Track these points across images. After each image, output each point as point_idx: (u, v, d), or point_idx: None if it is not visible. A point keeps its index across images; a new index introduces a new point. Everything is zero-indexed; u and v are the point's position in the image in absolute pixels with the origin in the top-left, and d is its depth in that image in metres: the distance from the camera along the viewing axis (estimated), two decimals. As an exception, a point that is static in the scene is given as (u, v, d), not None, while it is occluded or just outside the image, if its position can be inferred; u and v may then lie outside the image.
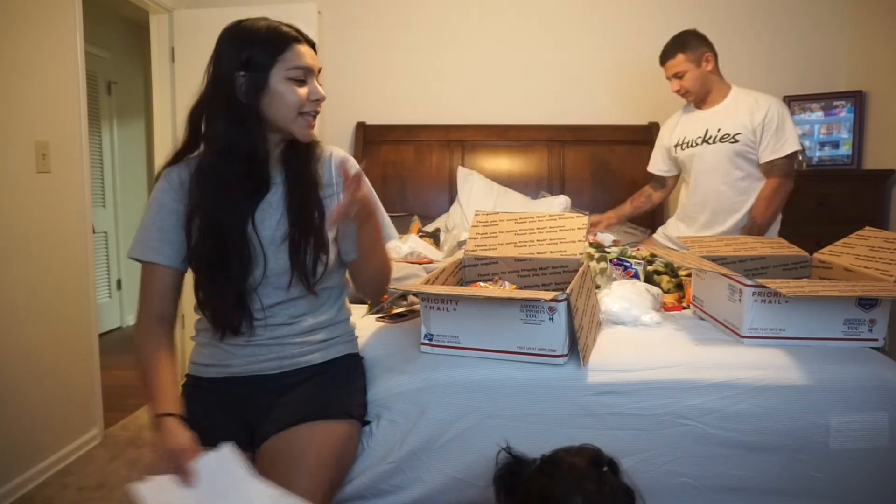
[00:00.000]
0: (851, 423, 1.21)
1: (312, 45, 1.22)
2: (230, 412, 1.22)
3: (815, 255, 1.65)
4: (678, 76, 2.31)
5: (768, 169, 2.24)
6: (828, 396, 1.21)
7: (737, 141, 2.25)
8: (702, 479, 1.23)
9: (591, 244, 2.06)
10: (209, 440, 1.17)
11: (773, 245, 1.75)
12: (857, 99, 2.96)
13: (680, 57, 2.29)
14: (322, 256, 1.22)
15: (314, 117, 1.20)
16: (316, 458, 1.11)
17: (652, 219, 3.09)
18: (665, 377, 1.24)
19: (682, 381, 1.24)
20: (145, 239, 1.20)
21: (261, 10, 3.41)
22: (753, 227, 2.24)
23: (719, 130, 2.29)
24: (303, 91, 1.17)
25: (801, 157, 2.35)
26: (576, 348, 1.23)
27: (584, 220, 1.61)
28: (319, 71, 1.22)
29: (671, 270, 1.89)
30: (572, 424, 1.22)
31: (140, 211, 4.83)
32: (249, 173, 1.18)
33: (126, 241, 4.38)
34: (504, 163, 3.22)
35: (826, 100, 3.02)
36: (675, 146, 2.44)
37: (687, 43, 2.29)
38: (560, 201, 2.84)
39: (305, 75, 1.18)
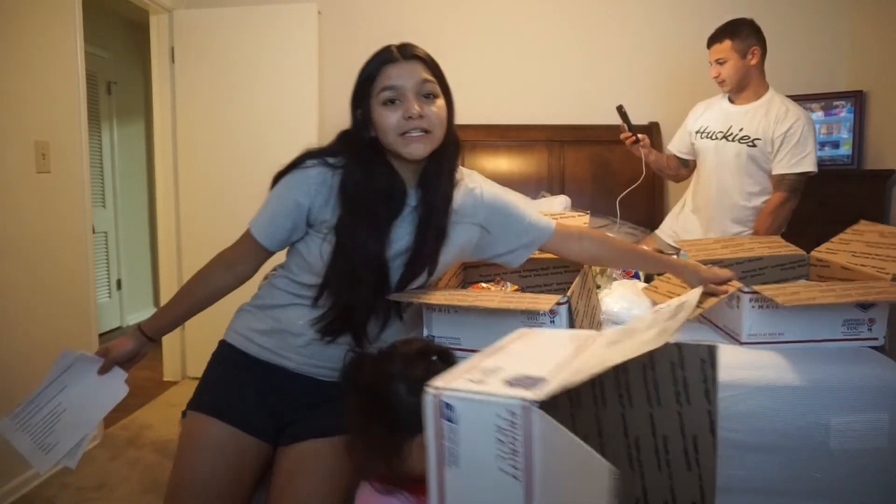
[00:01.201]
0: (852, 423, 1.20)
1: (416, 58, 1.18)
2: (264, 399, 1.21)
3: (813, 253, 1.64)
4: (720, 62, 2.25)
5: (778, 181, 2.20)
6: (828, 397, 1.21)
7: (754, 146, 2.21)
8: (702, 479, 1.22)
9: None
10: (235, 419, 1.18)
11: (770, 245, 1.75)
12: (857, 99, 2.96)
13: (727, 43, 2.22)
14: (420, 280, 1.23)
15: (420, 132, 1.15)
16: (343, 474, 1.12)
17: (652, 219, 3.09)
18: (665, 377, 1.24)
19: (682, 381, 1.24)
20: (260, 216, 1.23)
21: (261, 11, 3.39)
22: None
23: (741, 130, 2.24)
24: (397, 113, 1.14)
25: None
26: (576, 349, 1.23)
27: (585, 219, 1.61)
28: (428, 83, 1.17)
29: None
30: (573, 425, 1.21)
31: (140, 211, 4.84)
32: (387, 197, 1.18)
33: (126, 241, 4.38)
34: (504, 163, 3.22)
35: (826, 100, 3.02)
36: (697, 132, 2.39)
37: (738, 31, 2.22)
38: (560, 201, 2.84)
39: (396, 95, 1.15)
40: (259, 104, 3.08)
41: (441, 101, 1.19)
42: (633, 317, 1.52)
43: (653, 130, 3.16)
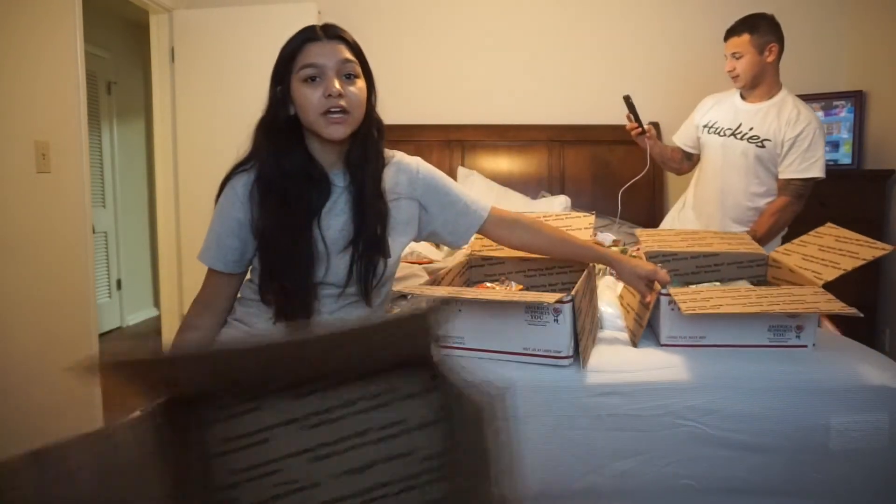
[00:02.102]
0: (851, 423, 1.20)
1: (340, 38, 1.20)
2: None
3: (771, 253, 1.63)
4: (736, 56, 2.20)
5: (784, 185, 2.17)
6: (828, 397, 1.21)
7: (763, 146, 2.17)
8: (702, 480, 1.22)
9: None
10: None
11: (731, 242, 1.72)
12: (857, 99, 2.96)
13: (746, 37, 2.17)
14: (380, 265, 1.22)
15: (340, 113, 1.15)
16: None
17: (652, 218, 3.09)
18: (665, 378, 1.24)
19: (682, 381, 1.24)
20: (207, 244, 1.24)
21: (261, 11, 3.38)
22: (753, 238, 2.14)
23: (751, 129, 2.20)
24: (318, 90, 1.15)
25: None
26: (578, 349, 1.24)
27: (591, 219, 1.60)
28: (349, 63, 1.18)
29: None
30: (572, 426, 1.21)
31: (140, 211, 4.84)
32: (306, 181, 1.18)
33: (126, 241, 4.38)
34: (504, 163, 3.23)
35: (826, 100, 3.03)
36: (704, 127, 2.34)
37: (757, 26, 2.18)
38: (560, 201, 2.84)
39: (318, 73, 1.15)
40: (259, 104, 3.06)
41: (361, 83, 1.20)
42: (619, 326, 1.51)
43: (653, 130, 3.17)
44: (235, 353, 0.64)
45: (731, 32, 2.23)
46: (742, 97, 2.29)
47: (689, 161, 2.51)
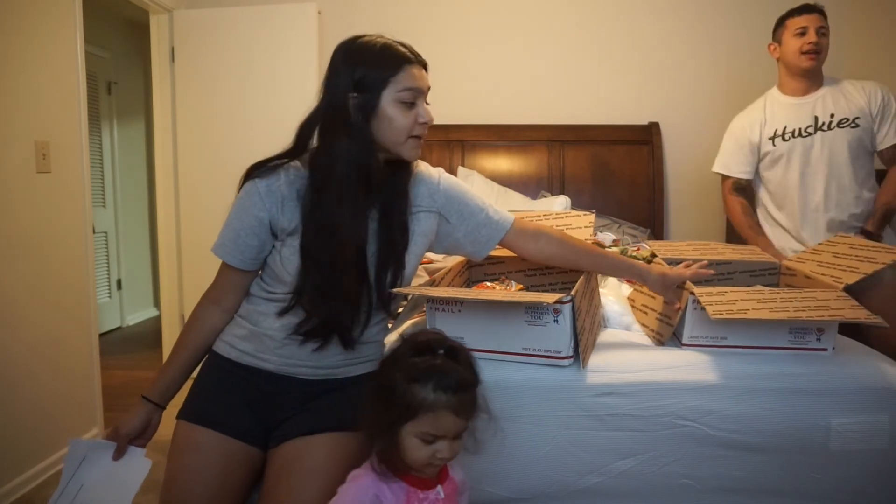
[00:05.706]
0: (852, 424, 1.20)
1: (424, 66, 1.21)
2: (250, 403, 1.22)
3: (784, 262, 1.64)
4: (823, 32, 2.17)
5: (892, 155, 2.11)
6: (828, 398, 1.21)
7: (857, 125, 2.10)
8: (702, 480, 1.23)
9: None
10: (221, 425, 1.19)
11: (742, 251, 1.74)
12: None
13: (824, 19, 2.19)
14: (400, 278, 1.22)
15: (421, 139, 1.20)
16: (330, 470, 1.12)
17: (651, 219, 3.09)
18: (665, 378, 1.24)
19: (682, 381, 1.24)
20: (222, 238, 1.23)
21: (261, 11, 3.38)
22: (888, 211, 2.08)
23: (832, 116, 2.13)
24: (411, 114, 1.17)
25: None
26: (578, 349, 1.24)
27: (591, 218, 1.60)
28: (428, 89, 1.21)
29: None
30: (573, 426, 1.22)
31: (140, 211, 4.83)
32: (364, 191, 1.18)
33: (126, 241, 4.38)
34: (504, 163, 3.23)
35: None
36: (771, 139, 2.20)
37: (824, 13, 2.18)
38: (560, 201, 2.84)
39: (415, 97, 1.17)
40: (259, 104, 3.08)
41: None
42: (625, 324, 1.51)
43: (653, 131, 3.17)
44: None
45: (816, 9, 2.19)
46: (786, 94, 2.24)
47: (746, 195, 2.35)
